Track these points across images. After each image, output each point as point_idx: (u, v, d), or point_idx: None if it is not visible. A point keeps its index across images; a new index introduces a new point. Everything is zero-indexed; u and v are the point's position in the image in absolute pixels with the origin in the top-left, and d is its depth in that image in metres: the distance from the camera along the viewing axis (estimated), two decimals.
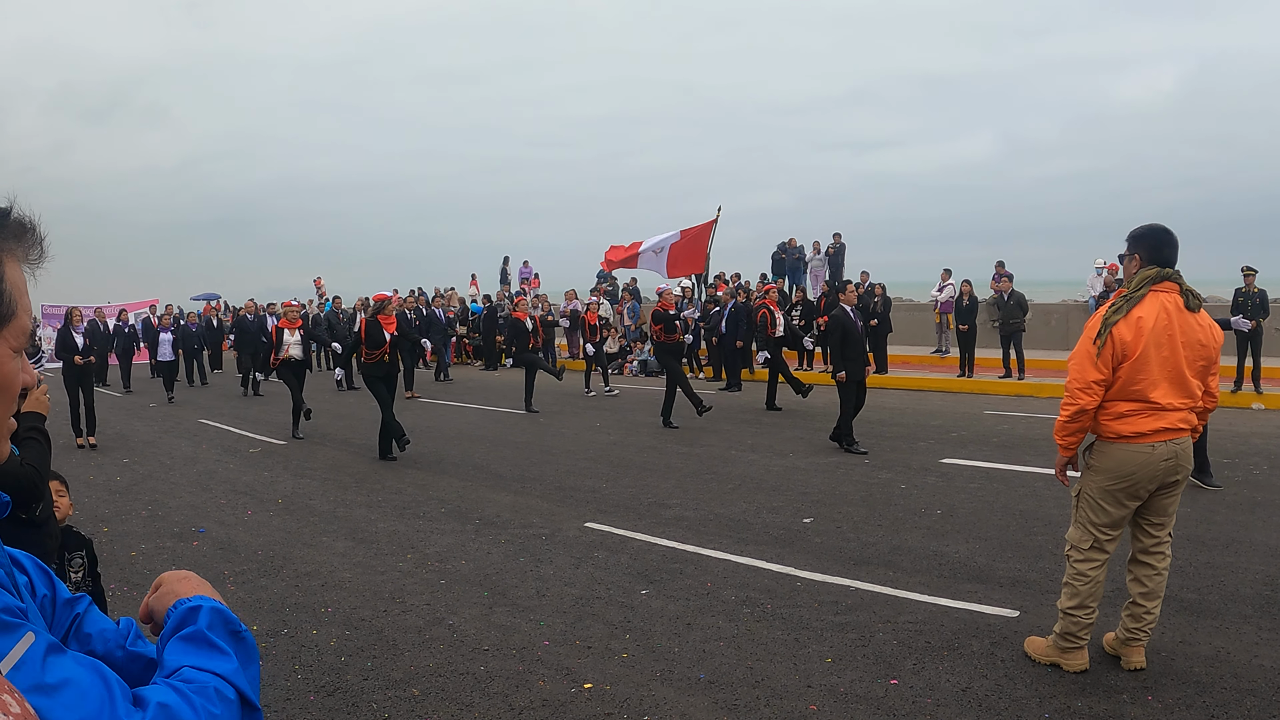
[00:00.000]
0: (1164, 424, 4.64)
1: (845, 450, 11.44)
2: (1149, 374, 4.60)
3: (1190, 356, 4.65)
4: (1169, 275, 4.69)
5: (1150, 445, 4.64)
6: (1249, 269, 15.17)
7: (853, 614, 5.83)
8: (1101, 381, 4.65)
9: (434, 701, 4.74)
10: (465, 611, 6.07)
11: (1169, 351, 4.61)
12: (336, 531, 8.22)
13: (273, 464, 11.80)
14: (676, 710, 4.57)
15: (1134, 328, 4.60)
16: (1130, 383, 4.62)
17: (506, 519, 8.50)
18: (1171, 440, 4.66)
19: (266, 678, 5.08)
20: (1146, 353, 4.58)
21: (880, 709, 4.51)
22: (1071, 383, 4.77)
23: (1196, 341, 4.66)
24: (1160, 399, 4.62)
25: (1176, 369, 4.63)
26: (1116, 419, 4.69)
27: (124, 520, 8.88)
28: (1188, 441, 4.75)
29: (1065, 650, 4.89)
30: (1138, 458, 4.65)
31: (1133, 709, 4.39)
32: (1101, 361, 4.63)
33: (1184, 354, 4.63)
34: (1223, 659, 4.94)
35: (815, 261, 26.43)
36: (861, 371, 11.85)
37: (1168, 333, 4.61)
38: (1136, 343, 4.58)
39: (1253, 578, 6.26)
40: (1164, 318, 4.62)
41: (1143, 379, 4.61)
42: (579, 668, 5.11)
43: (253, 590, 6.63)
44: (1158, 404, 4.62)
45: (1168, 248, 4.75)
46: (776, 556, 7.09)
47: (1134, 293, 4.69)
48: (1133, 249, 4.85)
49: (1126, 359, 4.60)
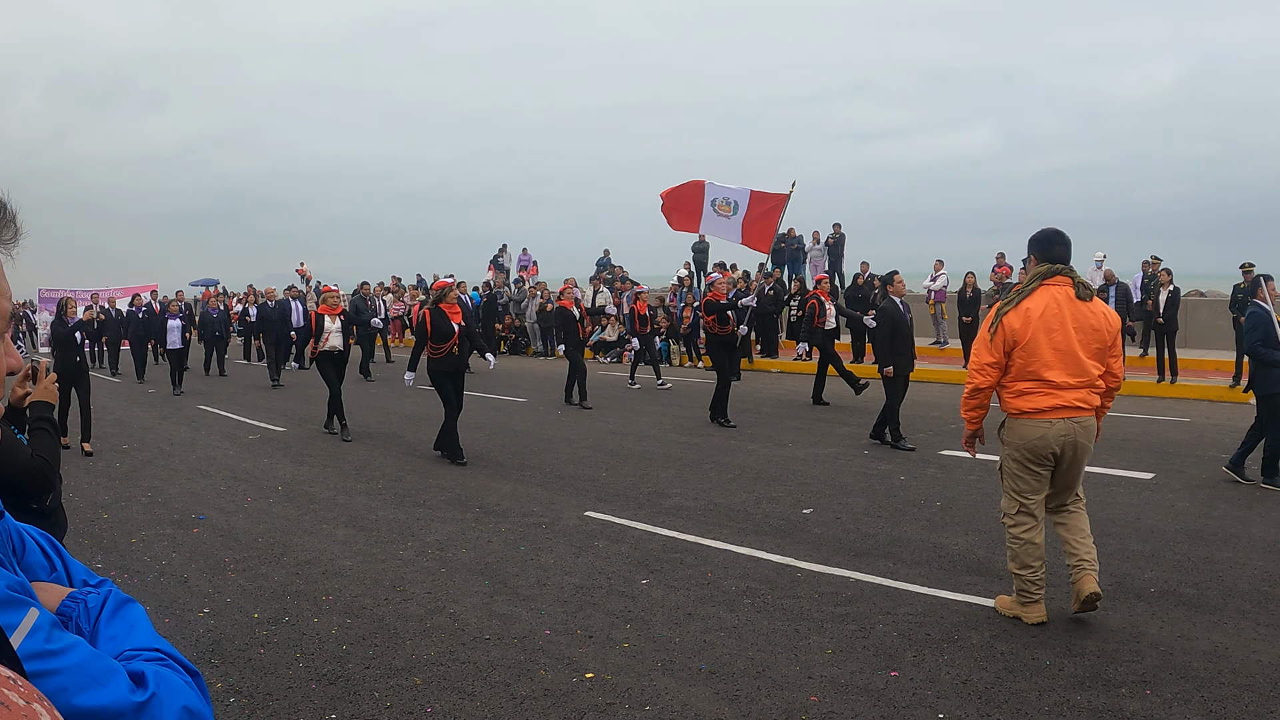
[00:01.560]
0: (1060, 402, 5.28)
1: (892, 446, 11.10)
2: (1041, 357, 5.26)
3: (1084, 340, 5.28)
4: (1060, 270, 5.38)
5: (1048, 421, 5.29)
6: (1248, 265, 15.18)
7: (853, 605, 5.85)
8: (994, 364, 5.38)
9: (436, 690, 4.75)
10: (466, 600, 6.08)
11: (1061, 336, 5.25)
12: (337, 519, 8.23)
13: (272, 451, 11.80)
14: (678, 700, 4.58)
15: (1023, 317, 5.30)
16: (1026, 365, 5.30)
17: (507, 507, 8.52)
18: (1069, 418, 5.29)
19: (269, 665, 5.11)
20: (1036, 338, 5.25)
21: (881, 700, 4.53)
22: (970, 366, 5.56)
23: (1089, 327, 5.29)
24: (1054, 378, 5.26)
25: (1070, 352, 5.26)
26: (1018, 396, 5.39)
27: (124, 507, 8.89)
28: (1088, 420, 5.36)
29: (1024, 604, 5.48)
30: (1038, 430, 5.31)
31: (1131, 703, 4.41)
32: (994, 347, 5.36)
33: (1077, 338, 5.27)
34: (1221, 654, 4.96)
35: (814, 252, 26.40)
36: (910, 366, 11.47)
37: (1059, 320, 5.26)
38: (1025, 330, 5.27)
39: (1251, 573, 6.28)
40: (1054, 307, 5.28)
41: (1036, 361, 5.27)
42: (580, 657, 5.13)
43: (254, 578, 6.64)
44: (1053, 383, 5.27)
45: (1058, 246, 5.47)
46: (777, 547, 7.11)
47: (1025, 287, 5.43)
48: (1030, 250, 5.61)
49: (1018, 344, 5.30)
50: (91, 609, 1.36)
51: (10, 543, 1.37)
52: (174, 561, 7.07)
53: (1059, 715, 4.33)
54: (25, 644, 1.11)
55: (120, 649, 1.31)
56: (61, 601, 1.36)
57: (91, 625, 1.34)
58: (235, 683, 4.88)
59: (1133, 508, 8.02)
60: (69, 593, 1.38)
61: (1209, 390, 15.43)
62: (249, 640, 5.48)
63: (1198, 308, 18.36)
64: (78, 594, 1.38)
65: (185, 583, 6.57)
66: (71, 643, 1.17)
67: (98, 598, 1.38)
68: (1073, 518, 5.57)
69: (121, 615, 1.37)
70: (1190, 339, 16.73)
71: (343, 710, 4.56)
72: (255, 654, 5.27)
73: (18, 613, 1.14)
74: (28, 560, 1.40)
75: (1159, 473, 9.38)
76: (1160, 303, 16.00)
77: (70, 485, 9.51)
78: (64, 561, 1.47)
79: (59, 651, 1.14)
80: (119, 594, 1.41)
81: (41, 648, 1.13)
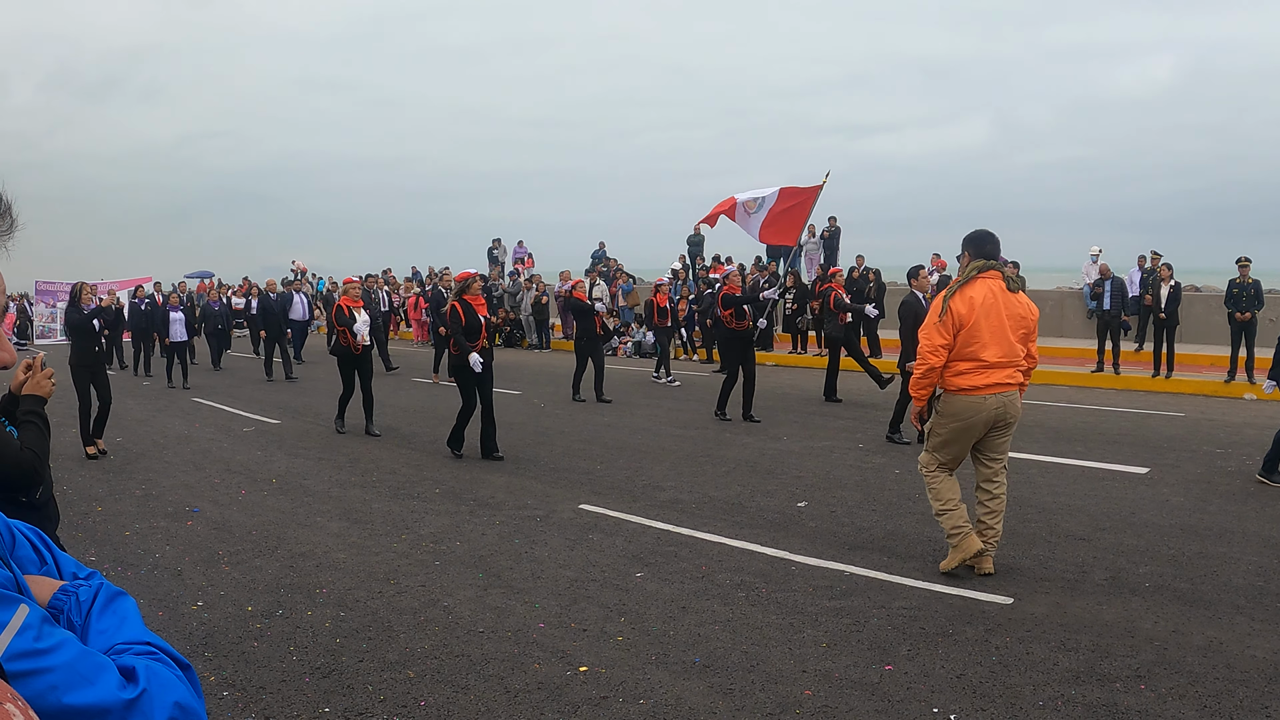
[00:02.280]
0: (993, 379, 6.04)
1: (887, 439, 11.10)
2: (980, 339, 6.00)
3: (1013, 326, 6.09)
4: (992, 265, 6.17)
5: (982, 397, 6.06)
6: (1243, 260, 15.18)
7: (847, 599, 5.85)
8: (945, 345, 6.05)
9: (429, 683, 4.74)
10: (460, 593, 6.07)
11: (996, 322, 6.03)
12: (331, 512, 8.21)
13: (266, 443, 11.78)
14: (672, 694, 4.58)
15: (967, 303, 6.02)
16: (966, 346, 6.02)
17: (501, 500, 8.51)
18: (1000, 393, 6.07)
19: (262, 659, 5.09)
20: (978, 322, 6.00)
21: (875, 694, 4.53)
22: (923, 348, 6.16)
23: (1017, 315, 6.13)
24: (990, 359, 6.02)
25: (1002, 335, 6.04)
26: (957, 375, 6.10)
27: (117, 500, 8.87)
28: (1015, 394, 6.16)
29: (957, 543, 6.17)
30: (973, 405, 6.08)
31: (1126, 698, 4.41)
32: (945, 329, 6.04)
33: (1008, 324, 6.07)
34: (1216, 649, 4.96)
35: (810, 245, 26.38)
36: None
37: (994, 308, 6.04)
38: (970, 315, 6.00)
39: (1246, 568, 6.28)
40: (991, 297, 6.06)
41: (975, 343, 6.01)
42: (574, 650, 5.12)
43: (247, 570, 6.63)
44: (988, 362, 6.02)
45: (989, 244, 6.23)
46: (771, 540, 7.10)
47: (966, 278, 6.15)
48: (965, 248, 6.35)
49: (963, 327, 6.01)
50: (83, 602, 1.35)
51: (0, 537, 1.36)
52: (167, 554, 7.05)
53: (1054, 710, 4.33)
54: (15, 642, 1.10)
55: (111, 643, 1.30)
56: (53, 595, 1.35)
57: (83, 619, 1.33)
58: (229, 676, 4.87)
59: (1127, 502, 8.02)
60: (61, 585, 1.37)
61: (1204, 385, 15.45)
62: (242, 633, 5.46)
63: (1193, 302, 18.40)
64: (69, 587, 1.37)
65: (179, 576, 6.55)
66: (61, 640, 1.16)
67: (89, 591, 1.37)
68: (995, 502, 6.32)
69: (113, 609, 1.36)
70: (1185, 334, 16.75)
71: (336, 703, 4.55)
72: (249, 647, 5.26)
73: (7, 610, 1.13)
74: (18, 554, 1.39)
75: (1154, 468, 9.38)
76: (1161, 298, 16.00)
77: (63, 478, 9.49)
78: (53, 555, 1.46)
79: (48, 650, 1.14)
80: (110, 587, 1.40)
81: (30, 646, 1.12)
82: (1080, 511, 7.75)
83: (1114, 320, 16.88)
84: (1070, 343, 20.35)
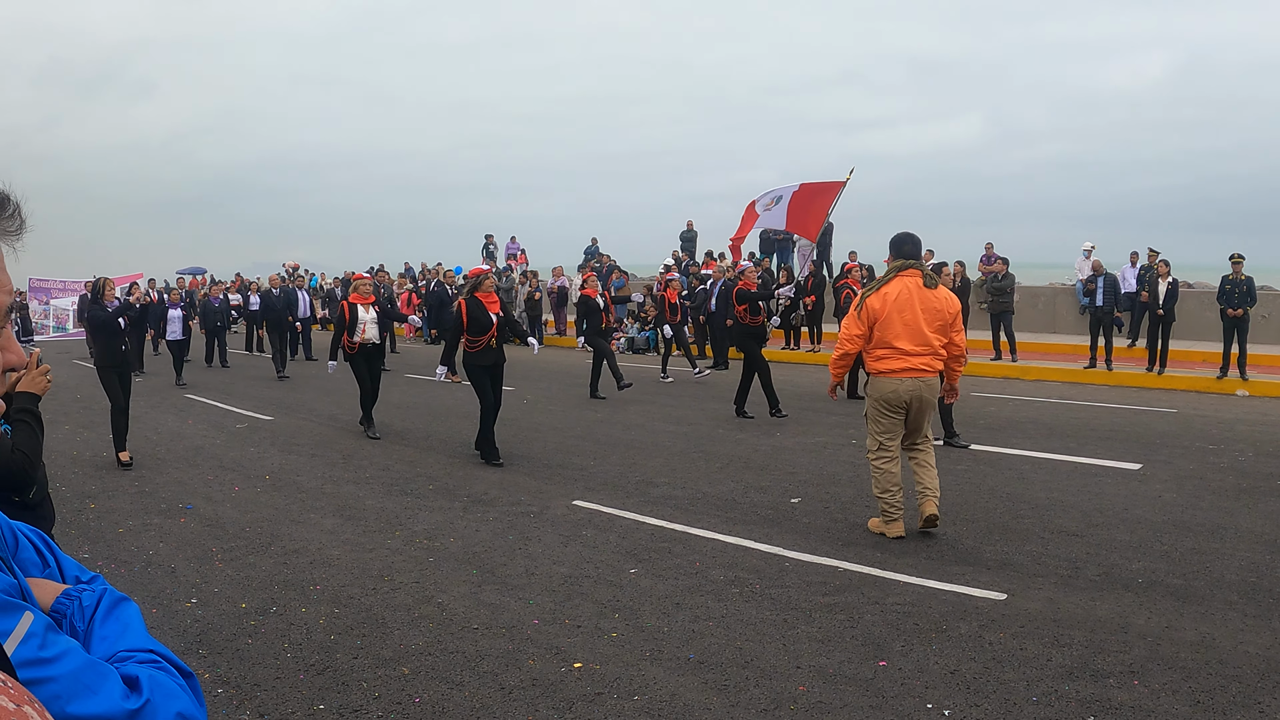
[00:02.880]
0: (907, 365, 6.92)
1: (945, 444, 10.23)
2: (894, 330, 6.91)
3: (928, 318, 6.91)
4: (910, 264, 7.03)
5: (898, 379, 6.94)
6: (1236, 256, 15.21)
7: (841, 595, 5.86)
8: (860, 335, 7.06)
9: (424, 680, 4.74)
10: (454, 590, 6.07)
11: (910, 315, 6.89)
12: (324, 508, 8.20)
13: (259, 440, 11.76)
14: (666, 690, 4.58)
15: (881, 299, 6.96)
16: (882, 336, 6.95)
17: (494, 496, 8.50)
18: (914, 377, 6.93)
19: (256, 656, 5.09)
20: (890, 316, 6.91)
21: (869, 690, 4.54)
22: (841, 334, 7.35)
23: (933, 308, 6.93)
24: (903, 347, 6.90)
25: (916, 327, 6.89)
26: (876, 360, 7.04)
27: (111, 496, 8.85)
28: (932, 379, 7.01)
29: (887, 522, 7.05)
30: (891, 385, 6.97)
31: (1119, 693, 4.43)
32: (861, 321, 7.04)
33: (923, 317, 6.90)
34: (1208, 645, 4.98)
35: (802, 242, 26.36)
36: None
37: (909, 303, 6.90)
38: (883, 310, 6.94)
39: (1238, 564, 6.30)
40: (906, 293, 6.92)
41: (889, 333, 6.92)
42: (569, 647, 5.12)
43: (241, 567, 6.62)
44: (903, 350, 6.90)
45: (908, 245, 7.13)
46: (765, 536, 7.11)
47: (885, 277, 7.09)
48: (889, 250, 7.21)
49: (877, 320, 6.96)
50: (86, 608, 1.35)
51: (3, 540, 1.35)
52: (161, 551, 7.04)
53: (1047, 705, 4.34)
54: (19, 651, 1.10)
55: (114, 650, 1.30)
56: (56, 599, 1.35)
57: (86, 624, 1.33)
58: (223, 673, 4.87)
59: (1120, 498, 8.05)
60: (64, 590, 1.37)
61: (1197, 381, 15.49)
62: (236, 630, 5.46)
63: (1185, 299, 18.41)
64: (72, 591, 1.37)
65: (172, 573, 6.54)
66: (65, 649, 1.16)
67: (92, 596, 1.37)
68: (921, 454, 7.18)
69: (116, 615, 1.36)
70: (1178, 330, 16.78)
71: (330, 700, 4.55)
72: (243, 644, 5.25)
73: (12, 618, 1.13)
74: (20, 557, 1.39)
75: (1146, 463, 9.41)
76: (1159, 294, 16.02)
77: (57, 475, 9.46)
78: (56, 558, 1.46)
79: (52, 659, 1.13)
80: (114, 592, 1.40)
81: (35, 655, 1.12)
82: (1073, 507, 7.77)
83: (1106, 316, 16.91)
84: (1063, 339, 20.37)
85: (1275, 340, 18.60)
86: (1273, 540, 6.81)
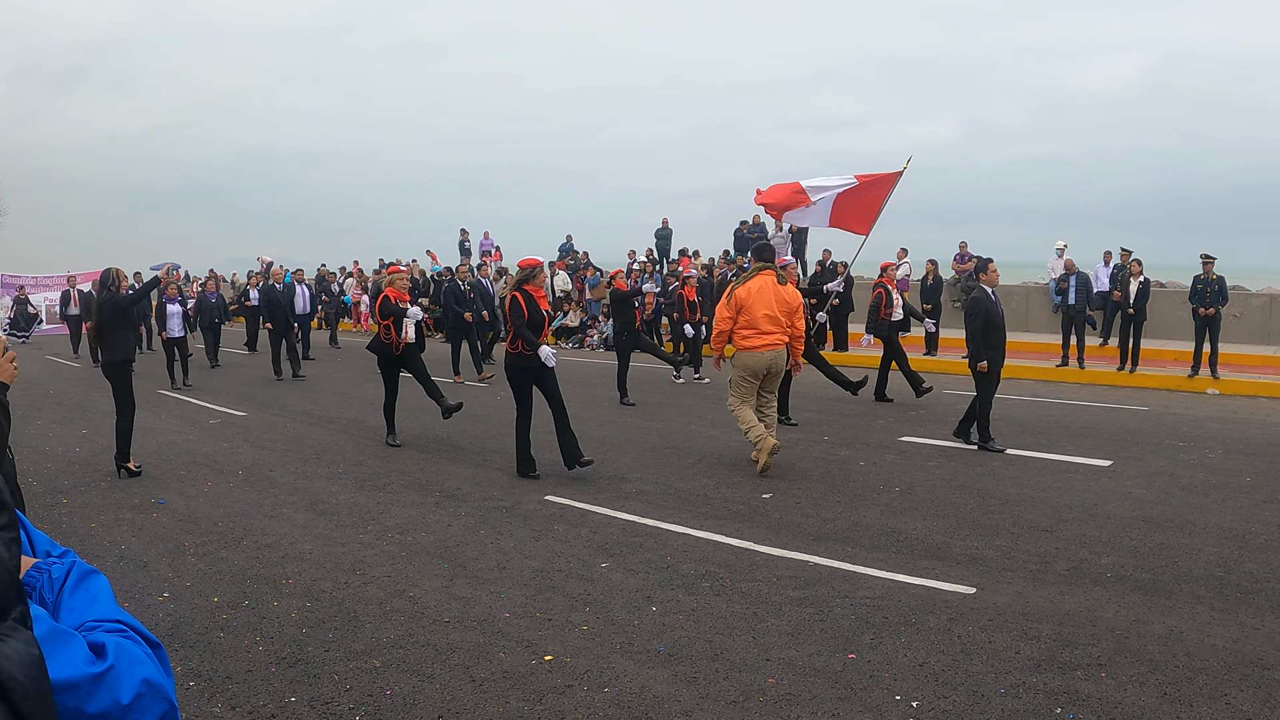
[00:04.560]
0: (764, 341, 9.02)
1: (980, 448, 10.16)
2: (754, 314, 8.98)
3: (780, 308, 9.03)
4: (767, 266, 9.18)
5: (759, 353, 9.03)
6: (1207, 256, 15.33)
7: (811, 589, 5.89)
8: (730, 317, 9.10)
9: (395, 673, 4.74)
10: (426, 583, 6.07)
11: (766, 303, 8.98)
12: (297, 503, 8.18)
13: (232, 435, 11.71)
14: (636, 682, 4.60)
15: (745, 290, 9.04)
16: (746, 319, 9.02)
17: (467, 491, 8.50)
18: (769, 350, 9.03)
19: (228, 649, 5.08)
20: (753, 303, 8.98)
21: (838, 682, 4.56)
22: (715, 319, 9.42)
23: (782, 299, 9.05)
24: (762, 327, 9.00)
25: (771, 313, 8.99)
26: (742, 338, 9.08)
27: (83, 492, 8.80)
28: (781, 351, 9.13)
29: (760, 446, 8.89)
30: (754, 357, 9.05)
31: (1086, 685, 4.47)
32: (730, 307, 9.09)
33: (776, 306, 9.01)
34: (1176, 638, 5.04)
35: (777, 240, 26.41)
36: (1002, 360, 10.36)
37: (765, 294, 9.01)
38: (747, 299, 9.00)
39: (1206, 559, 6.37)
40: (763, 286, 9.04)
41: (752, 316, 8.98)
42: (539, 640, 5.13)
43: (213, 562, 6.60)
44: (762, 330, 9.00)
45: (766, 252, 9.30)
46: (736, 531, 7.14)
47: (749, 274, 9.17)
48: (751, 254, 9.43)
49: (743, 306, 9.01)
50: (55, 580, 1.35)
51: None
52: (133, 546, 7.01)
53: (1015, 697, 4.38)
54: None
55: (82, 619, 1.31)
56: (26, 572, 1.35)
57: (55, 596, 1.34)
58: (195, 666, 4.85)
59: (1090, 494, 8.11)
60: (34, 563, 1.37)
61: (1168, 380, 15.61)
62: (209, 624, 5.44)
63: (1157, 298, 18.56)
64: (42, 564, 1.37)
65: (145, 567, 6.51)
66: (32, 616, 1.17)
67: (61, 568, 1.37)
68: (767, 412, 9.37)
69: (84, 587, 1.37)
70: (1149, 329, 16.90)
71: (302, 693, 4.55)
72: (215, 637, 5.24)
73: None
74: None
75: (1117, 460, 9.49)
76: (1130, 293, 16.14)
77: (29, 471, 9.40)
78: (27, 533, 1.46)
79: None
80: (82, 565, 1.41)
81: None
82: (1043, 503, 7.83)
83: (1079, 315, 17.03)
84: (1035, 337, 20.49)
85: (1246, 339, 18.79)
86: (1240, 536, 6.89)
